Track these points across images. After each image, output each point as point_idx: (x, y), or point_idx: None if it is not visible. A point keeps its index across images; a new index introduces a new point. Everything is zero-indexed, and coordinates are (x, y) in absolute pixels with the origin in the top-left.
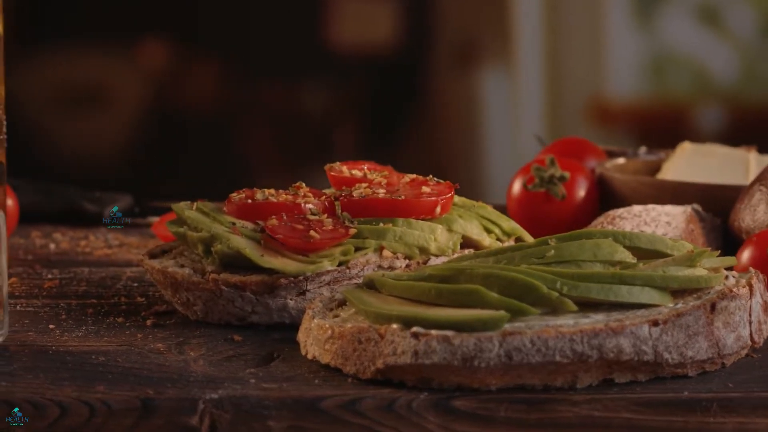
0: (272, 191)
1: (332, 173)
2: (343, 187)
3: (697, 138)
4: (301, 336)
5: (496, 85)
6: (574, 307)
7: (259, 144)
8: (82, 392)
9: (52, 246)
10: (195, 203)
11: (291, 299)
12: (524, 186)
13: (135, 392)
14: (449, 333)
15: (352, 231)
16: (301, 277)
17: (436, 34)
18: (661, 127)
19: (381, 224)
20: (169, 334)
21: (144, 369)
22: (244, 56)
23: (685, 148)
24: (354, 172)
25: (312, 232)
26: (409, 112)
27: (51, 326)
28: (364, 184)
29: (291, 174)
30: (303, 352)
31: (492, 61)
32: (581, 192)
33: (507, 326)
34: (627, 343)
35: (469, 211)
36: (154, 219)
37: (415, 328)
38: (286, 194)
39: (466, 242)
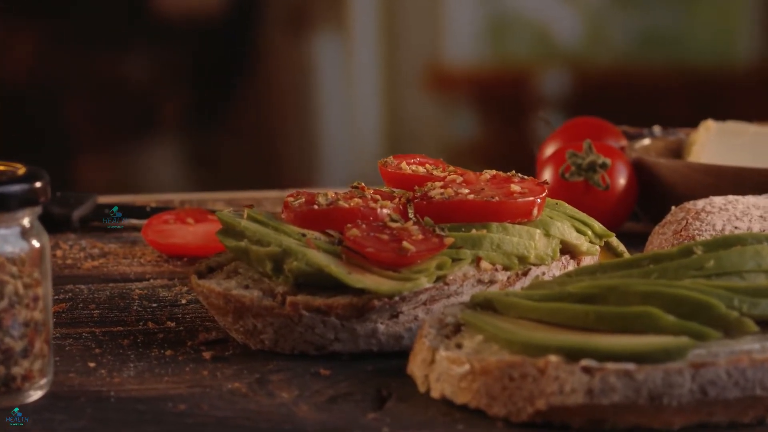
0: (332, 193)
1: (389, 169)
2: (416, 187)
3: (540, 102)
4: (416, 370)
5: (330, 50)
6: (755, 328)
7: (81, 115)
8: None
9: None
10: (245, 210)
11: (382, 323)
12: (561, 175)
13: None
14: (630, 366)
15: (449, 240)
16: (396, 298)
17: None
18: (504, 93)
19: (474, 231)
20: (238, 369)
21: (242, 417)
22: (63, 23)
23: (710, 126)
24: (414, 168)
25: (406, 244)
26: (239, 80)
27: (91, 364)
28: (437, 183)
29: (115, 145)
30: (422, 389)
31: (325, 25)
32: (621, 180)
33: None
34: None
35: (556, 212)
36: (132, 222)
37: (585, 362)
38: (352, 197)
39: (562, 248)
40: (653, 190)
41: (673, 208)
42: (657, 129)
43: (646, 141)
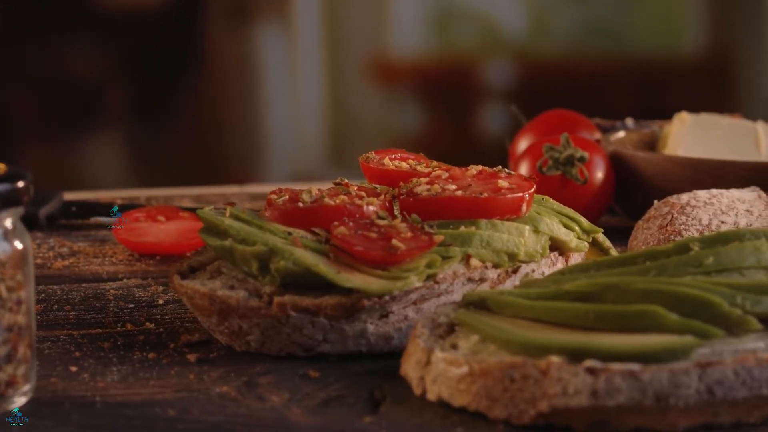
0: (316, 190)
1: (371, 165)
2: (401, 184)
3: (487, 92)
4: (410, 371)
5: (273, 42)
6: (758, 325)
7: (22, 107)
8: None
9: None
10: (227, 208)
11: (371, 323)
12: (539, 169)
13: None
14: (635, 367)
15: (438, 238)
16: (386, 297)
17: None
18: (450, 84)
19: (462, 228)
20: (225, 372)
21: (235, 423)
22: (3, 14)
23: (684, 119)
24: (397, 163)
25: (395, 242)
26: (182, 73)
27: (72, 368)
28: (423, 179)
29: (59, 138)
30: (417, 392)
31: (268, 17)
32: (599, 174)
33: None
34: None
35: (543, 207)
36: (100, 219)
37: (588, 362)
38: (337, 194)
39: (551, 244)
40: (630, 183)
41: (655, 202)
42: (630, 121)
43: (621, 134)
